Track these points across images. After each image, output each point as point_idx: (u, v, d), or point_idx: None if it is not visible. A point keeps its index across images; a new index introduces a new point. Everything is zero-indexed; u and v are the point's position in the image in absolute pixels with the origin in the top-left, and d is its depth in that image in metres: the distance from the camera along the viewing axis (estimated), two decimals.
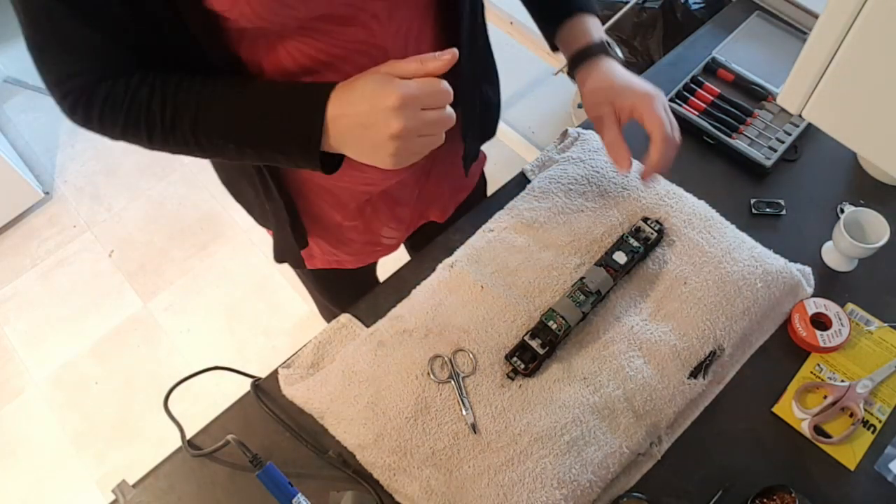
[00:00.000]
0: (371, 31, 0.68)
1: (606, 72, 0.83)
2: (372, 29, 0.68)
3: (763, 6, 1.16)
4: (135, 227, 2.19)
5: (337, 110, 0.65)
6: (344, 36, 0.67)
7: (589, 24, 0.86)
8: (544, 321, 0.78)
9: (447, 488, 0.72)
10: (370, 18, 0.67)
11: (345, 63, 0.70)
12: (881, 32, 0.44)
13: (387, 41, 0.70)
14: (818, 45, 0.48)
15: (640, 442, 0.75)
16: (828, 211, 0.94)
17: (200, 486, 0.78)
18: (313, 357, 0.84)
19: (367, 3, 0.66)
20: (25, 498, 1.80)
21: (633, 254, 0.82)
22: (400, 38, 0.72)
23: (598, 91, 0.83)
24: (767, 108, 1.03)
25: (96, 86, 0.66)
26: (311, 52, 0.67)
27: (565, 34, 0.87)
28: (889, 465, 0.76)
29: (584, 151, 0.95)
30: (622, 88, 0.81)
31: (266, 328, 1.97)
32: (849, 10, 0.44)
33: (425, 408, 0.75)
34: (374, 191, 0.87)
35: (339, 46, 0.68)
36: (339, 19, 0.66)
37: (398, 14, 0.70)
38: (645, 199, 0.89)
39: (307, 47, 0.67)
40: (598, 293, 0.79)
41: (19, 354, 2.03)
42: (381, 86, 0.63)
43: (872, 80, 0.47)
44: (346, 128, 0.66)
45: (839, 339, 0.82)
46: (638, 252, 0.83)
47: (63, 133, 2.48)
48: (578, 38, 0.85)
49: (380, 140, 0.64)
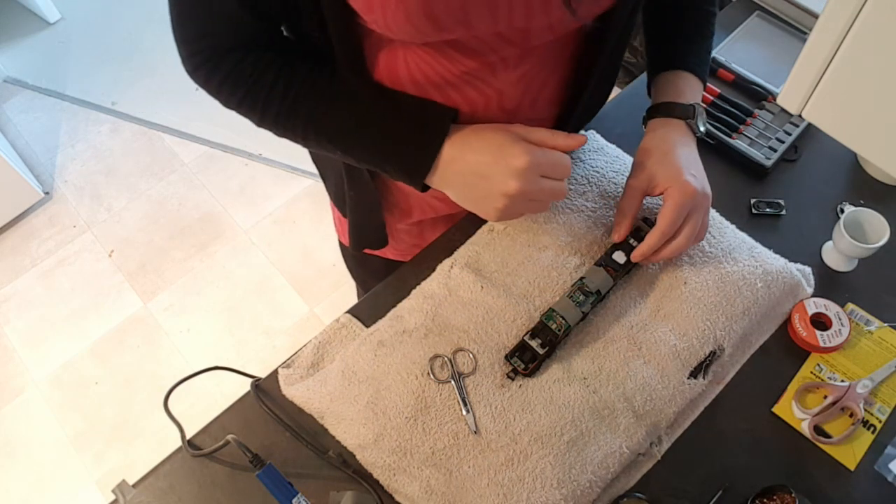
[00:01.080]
0: (493, 71, 0.67)
1: (670, 141, 0.78)
2: (495, 69, 0.67)
3: (763, 6, 1.16)
4: (135, 227, 2.20)
5: (455, 152, 0.66)
6: (465, 66, 0.66)
7: (686, 84, 0.81)
8: (544, 321, 0.78)
9: (447, 488, 0.72)
10: (497, 60, 0.66)
11: (454, 90, 0.68)
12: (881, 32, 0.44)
13: (505, 85, 0.69)
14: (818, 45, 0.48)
15: (640, 442, 0.75)
16: (828, 211, 0.94)
17: (200, 486, 0.78)
18: (313, 357, 0.84)
19: (499, 45, 0.64)
20: (25, 498, 1.80)
21: None
22: (521, 85, 0.70)
23: (650, 151, 0.78)
24: (767, 108, 1.03)
25: (226, 54, 0.66)
26: (427, 69, 0.66)
27: (661, 83, 0.83)
28: (889, 465, 0.76)
29: (583, 151, 0.95)
30: (670, 166, 0.76)
31: (266, 328, 1.98)
32: (849, 10, 0.44)
33: (425, 408, 0.75)
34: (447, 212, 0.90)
35: (456, 74, 0.67)
36: (466, 50, 0.64)
37: (526, 64, 0.68)
38: (645, 199, 0.89)
39: (425, 64, 0.66)
40: (598, 293, 0.79)
41: (19, 354, 2.03)
42: (511, 143, 0.64)
43: (872, 80, 0.47)
44: (459, 172, 0.66)
45: (839, 339, 0.82)
46: None
47: (63, 133, 2.48)
48: (668, 92, 0.81)
49: (492, 194, 0.65)
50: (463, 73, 0.67)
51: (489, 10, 0.57)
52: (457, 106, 0.70)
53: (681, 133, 0.79)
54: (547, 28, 0.64)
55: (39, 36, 2.74)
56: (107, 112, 2.51)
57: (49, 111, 2.53)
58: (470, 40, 0.63)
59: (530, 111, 0.75)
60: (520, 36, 0.64)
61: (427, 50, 0.65)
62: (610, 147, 0.97)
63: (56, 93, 2.58)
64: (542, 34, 0.65)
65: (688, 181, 0.74)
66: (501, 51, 0.65)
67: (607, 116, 1.05)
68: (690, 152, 0.78)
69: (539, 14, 0.60)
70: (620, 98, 1.09)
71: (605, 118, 1.05)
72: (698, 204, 0.76)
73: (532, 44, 0.66)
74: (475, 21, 0.58)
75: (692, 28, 0.84)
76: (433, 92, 0.69)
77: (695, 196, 0.74)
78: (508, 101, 0.72)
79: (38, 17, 2.78)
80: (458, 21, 0.57)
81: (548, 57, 0.70)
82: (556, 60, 0.72)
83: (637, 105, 0.96)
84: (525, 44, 0.65)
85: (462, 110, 0.71)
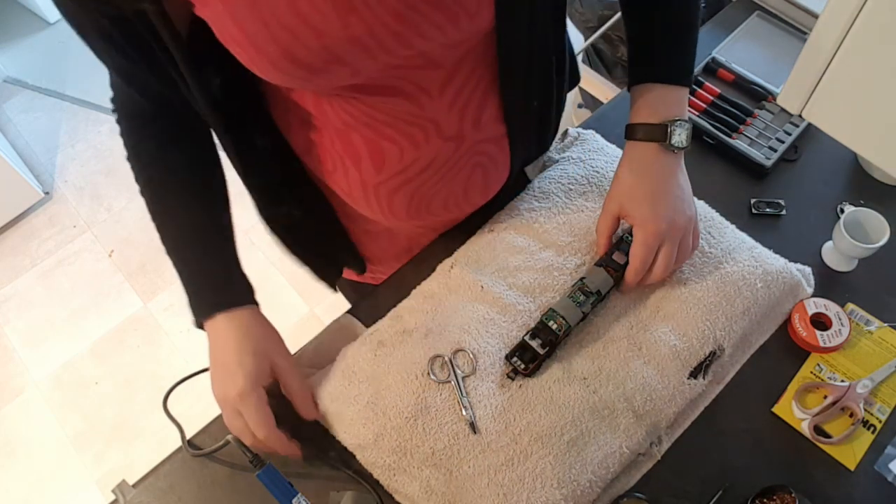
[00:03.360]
0: (419, 104, 0.65)
1: (639, 171, 0.76)
2: (420, 102, 0.65)
3: (763, 6, 1.16)
4: (135, 227, 2.20)
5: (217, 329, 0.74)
6: (386, 106, 0.64)
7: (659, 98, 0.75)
8: (544, 321, 0.78)
9: (447, 488, 0.72)
10: (418, 91, 0.63)
11: (388, 127, 0.67)
12: (881, 32, 0.44)
13: (438, 114, 0.67)
14: (818, 45, 0.48)
15: (640, 442, 0.75)
16: (828, 211, 0.94)
17: (200, 486, 0.78)
18: (313, 357, 0.84)
19: (411, 74, 0.61)
20: (25, 498, 1.80)
21: None
22: (455, 111, 0.68)
23: (620, 181, 0.78)
24: (767, 108, 1.03)
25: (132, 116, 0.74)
26: (354, 111, 0.65)
27: (634, 100, 0.78)
28: (889, 465, 0.76)
29: (584, 151, 0.95)
30: (636, 203, 0.75)
31: None
32: (849, 10, 0.44)
33: (425, 408, 0.75)
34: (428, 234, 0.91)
35: (385, 111, 0.65)
36: (377, 90, 0.62)
37: (451, 89, 0.65)
38: None
39: (350, 107, 0.64)
40: (598, 293, 0.79)
41: (19, 354, 2.03)
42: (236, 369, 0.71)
43: (872, 80, 0.47)
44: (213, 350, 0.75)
45: (839, 339, 0.82)
46: None
47: (63, 133, 2.48)
48: (640, 112, 0.76)
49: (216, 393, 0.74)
50: (390, 111, 0.65)
51: (356, 45, 0.54)
52: (395, 140, 0.68)
53: (653, 159, 0.76)
54: (441, 49, 0.60)
55: (39, 36, 2.74)
56: (107, 112, 2.50)
57: (49, 111, 2.54)
58: (375, 78, 0.60)
59: (476, 133, 0.73)
60: (420, 60, 0.60)
61: (346, 92, 0.62)
62: (610, 147, 0.97)
63: (56, 93, 2.58)
64: (443, 54, 0.61)
65: (651, 223, 0.75)
66: (417, 81, 0.62)
67: (607, 116, 1.05)
68: (662, 181, 0.76)
69: (414, 39, 0.56)
70: (620, 98, 1.09)
71: (605, 118, 1.05)
72: (667, 238, 0.76)
73: (443, 65, 0.62)
74: (350, 59, 0.55)
75: (669, 30, 0.77)
76: (369, 132, 0.67)
77: (658, 234, 0.75)
78: (447, 129, 0.69)
79: (38, 17, 2.78)
80: (330, 61, 0.55)
81: (472, 77, 0.66)
82: (484, 76, 0.68)
83: None
84: (435, 66, 0.61)
85: (402, 144, 0.69)
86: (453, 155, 0.74)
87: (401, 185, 0.74)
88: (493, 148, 0.78)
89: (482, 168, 0.79)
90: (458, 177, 0.77)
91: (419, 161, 0.72)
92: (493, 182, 0.84)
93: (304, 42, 0.53)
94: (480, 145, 0.75)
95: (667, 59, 0.77)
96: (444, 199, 0.80)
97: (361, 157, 0.70)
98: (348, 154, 0.71)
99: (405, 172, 0.73)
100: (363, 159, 0.71)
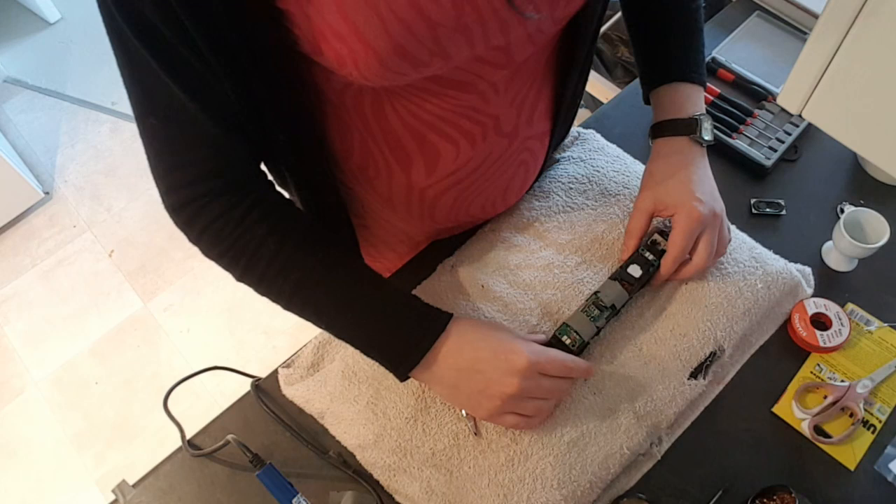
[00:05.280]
0: (486, 99, 0.66)
1: (676, 163, 0.78)
2: (487, 97, 0.66)
3: (763, 6, 1.16)
4: (135, 227, 2.19)
5: (451, 346, 0.65)
6: (456, 100, 0.64)
7: (684, 95, 0.79)
8: (558, 336, 0.77)
9: (448, 488, 0.72)
10: (488, 87, 0.65)
11: (450, 126, 0.67)
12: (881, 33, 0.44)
13: (500, 109, 0.68)
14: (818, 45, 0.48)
15: (641, 442, 0.75)
16: (828, 211, 0.94)
17: (200, 486, 0.78)
18: (313, 357, 0.84)
19: (488, 71, 0.62)
20: (25, 498, 1.80)
21: (648, 267, 0.80)
22: (514, 107, 0.70)
23: (655, 175, 0.78)
24: (767, 108, 1.03)
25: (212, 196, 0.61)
26: (417, 111, 0.64)
27: (659, 99, 0.81)
28: (889, 465, 0.76)
29: (584, 151, 0.96)
30: (676, 192, 0.76)
31: (266, 328, 1.97)
32: (849, 10, 0.44)
33: (425, 408, 0.75)
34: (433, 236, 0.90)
35: (449, 110, 0.65)
36: (455, 84, 0.62)
37: (515, 84, 0.67)
38: None
39: (414, 106, 0.63)
40: (612, 307, 0.78)
41: (19, 354, 2.03)
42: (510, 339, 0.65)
43: (872, 80, 0.47)
44: (453, 367, 0.65)
45: (839, 339, 0.82)
46: (654, 265, 0.80)
47: (63, 133, 2.48)
48: (668, 108, 0.79)
49: (489, 392, 0.65)
50: (455, 107, 0.65)
51: (462, 34, 0.54)
52: (454, 140, 0.68)
53: (686, 151, 0.78)
54: (526, 40, 0.61)
55: (39, 36, 2.74)
56: (107, 112, 2.51)
57: (49, 111, 2.54)
58: (454, 72, 0.60)
59: (528, 129, 0.75)
60: (502, 56, 0.61)
61: (413, 91, 0.62)
62: (610, 147, 0.97)
63: (56, 93, 2.58)
64: (522, 48, 0.62)
65: (694, 207, 0.74)
66: (488, 76, 0.63)
67: (607, 116, 1.05)
68: (696, 170, 0.78)
69: (515, 26, 0.57)
70: (620, 98, 1.09)
71: (605, 118, 1.05)
72: (708, 225, 0.76)
73: (516, 61, 0.63)
74: (451, 49, 0.55)
75: (680, 31, 0.81)
76: (429, 132, 0.67)
77: (701, 220, 0.75)
78: (506, 125, 0.70)
79: (38, 17, 2.78)
80: (434, 53, 0.54)
81: (534, 72, 0.68)
82: (543, 74, 0.70)
83: (637, 105, 0.96)
84: (509, 63, 0.63)
85: (460, 143, 0.69)
86: (505, 152, 0.74)
87: (450, 186, 0.74)
88: (537, 144, 0.79)
89: (524, 166, 0.81)
90: (503, 175, 0.78)
91: (473, 160, 0.72)
92: (528, 180, 0.86)
93: (416, 34, 0.50)
94: (528, 142, 0.76)
95: (689, 57, 0.80)
96: (485, 199, 0.81)
97: (413, 161, 0.70)
98: (397, 158, 0.69)
99: (457, 173, 0.73)
100: (414, 163, 0.70)
